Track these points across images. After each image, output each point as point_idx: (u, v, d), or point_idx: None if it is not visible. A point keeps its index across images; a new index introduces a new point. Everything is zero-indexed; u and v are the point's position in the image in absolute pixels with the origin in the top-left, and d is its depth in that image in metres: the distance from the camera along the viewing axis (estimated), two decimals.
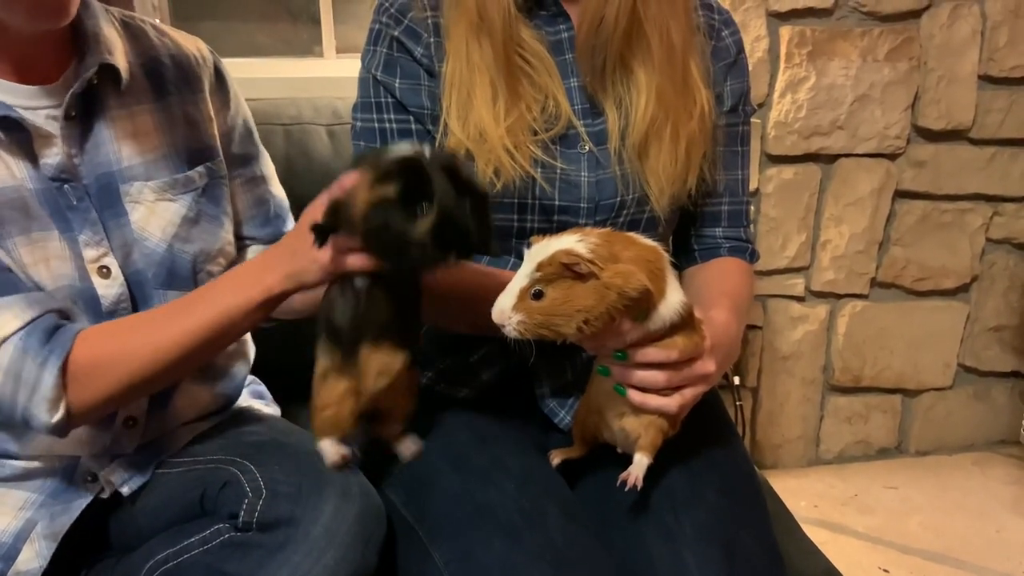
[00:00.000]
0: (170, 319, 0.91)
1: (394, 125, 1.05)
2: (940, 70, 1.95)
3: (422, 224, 0.79)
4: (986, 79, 1.99)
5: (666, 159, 1.02)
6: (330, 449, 0.91)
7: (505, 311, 0.81)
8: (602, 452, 0.96)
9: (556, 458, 0.99)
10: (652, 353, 0.85)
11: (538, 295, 0.80)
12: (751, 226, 1.20)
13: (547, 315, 0.80)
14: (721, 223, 1.16)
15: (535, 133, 1.00)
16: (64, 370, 0.86)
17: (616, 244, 0.82)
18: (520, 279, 0.81)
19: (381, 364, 0.88)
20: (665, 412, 0.87)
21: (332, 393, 0.89)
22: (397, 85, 1.03)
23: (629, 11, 0.98)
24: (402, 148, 0.83)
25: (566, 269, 0.79)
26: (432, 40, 1.02)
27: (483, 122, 0.97)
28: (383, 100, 1.04)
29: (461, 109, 0.99)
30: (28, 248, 0.90)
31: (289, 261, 0.88)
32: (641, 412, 0.88)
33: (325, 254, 0.84)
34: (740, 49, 1.13)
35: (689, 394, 0.88)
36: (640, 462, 0.88)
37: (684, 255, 1.20)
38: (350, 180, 0.82)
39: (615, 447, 0.94)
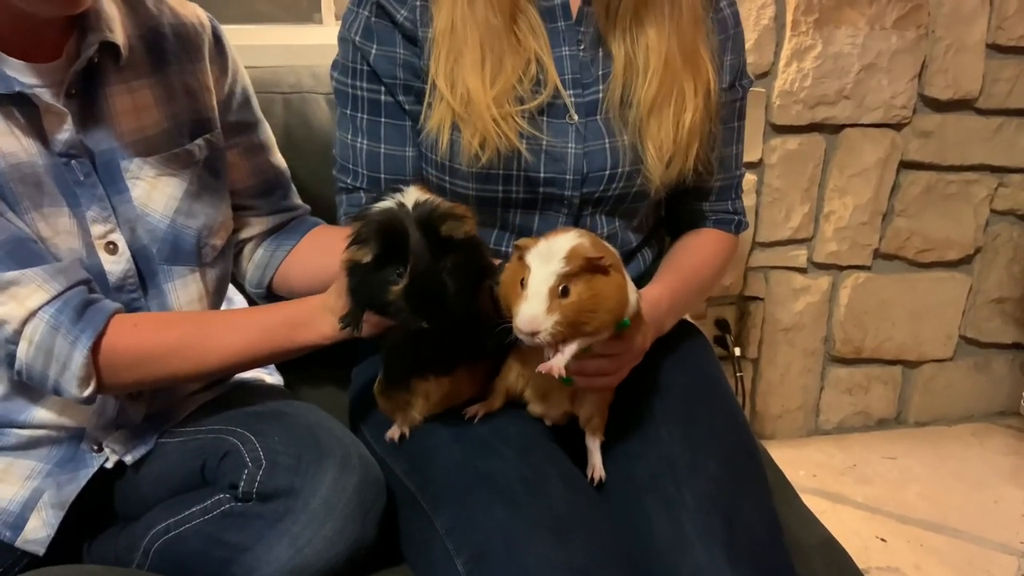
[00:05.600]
0: (220, 333, 0.94)
1: (365, 94, 1.05)
2: (948, 39, 1.92)
3: (396, 288, 0.82)
4: (994, 48, 1.95)
5: (667, 132, 1.01)
6: (394, 428, 1.02)
7: (539, 317, 0.77)
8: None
9: (478, 412, 0.97)
10: (611, 346, 0.88)
11: (566, 292, 0.78)
12: (740, 198, 1.20)
13: (579, 311, 0.78)
14: (709, 197, 1.16)
15: (522, 102, 0.99)
16: (96, 350, 0.88)
17: (599, 244, 0.83)
18: (543, 280, 0.78)
19: (426, 390, 0.97)
20: (608, 388, 0.93)
21: (386, 405, 1.01)
22: (373, 52, 1.02)
23: None
24: (385, 204, 0.85)
25: (588, 263, 0.78)
26: (418, 3, 1.01)
27: (470, 86, 0.97)
28: (358, 66, 1.04)
29: (449, 71, 0.98)
30: (43, 223, 0.91)
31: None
32: (587, 396, 0.93)
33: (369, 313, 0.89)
34: (737, 22, 1.12)
35: (627, 370, 0.93)
36: (595, 448, 0.94)
37: (672, 224, 1.20)
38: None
39: (537, 417, 0.98)
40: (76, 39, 0.92)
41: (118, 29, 0.95)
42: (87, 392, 0.89)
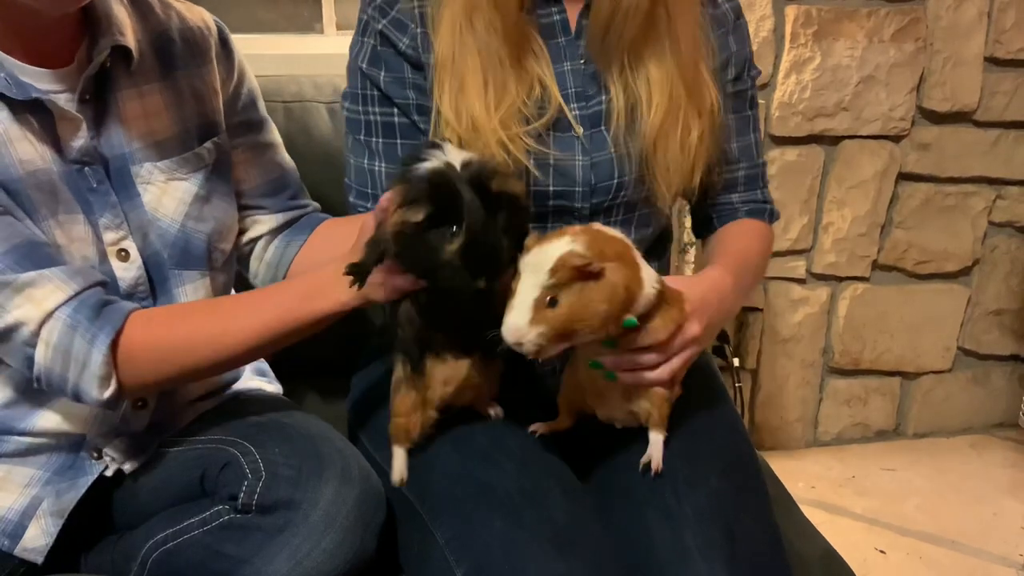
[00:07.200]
0: (236, 316, 0.93)
1: (379, 118, 1.05)
2: (946, 52, 1.93)
3: (451, 247, 0.79)
4: (992, 61, 1.97)
5: (674, 155, 1.02)
6: (398, 463, 0.94)
7: (521, 328, 0.77)
8: (602, 433, 0.97)
9: (540, 430, 0.97)
10: (639, 340, 0.86)
11: (553, 303, 0.78)
12: (768, 188, 1.19)
13: (568, 321, 0.78)
14: (737, 189, 1.16)
15: (527, 122, 0.99)
16: (115, 348, 0.87)
17: (599, 241, 0.81)
18: (528, 291, 0.78)
19: (445, 374, 0.91)
20: (659, 384, 0.89)
21: (404, 404, 0.93)
22: (382, 78, 1.03)
23: (647, 3, 0.97)
24: (432, 163, 0.82)
25: (577, 272, 0.78)
26: (419, 31, 1.01)
27: (475, 113, 0.97)
28: (369, 92, 1.05)
29: (453, 98, 0.98)
30: (59, 231, 0.90)
31: None
32: (644, 391, 0.90)
33: (387, 276, 0.86)
34: (739, 15, 1.12)
35: (678, 362, 0.90)
36: (657, 442, 0.91)
37: (703, 223, 1.19)
38: (386, 201, 0.83)
39: (608, 423, 0.95)
40: (87, 44, 0.93)
41: (129, 34, 0.95)
42: (107, 393, 0.88)
